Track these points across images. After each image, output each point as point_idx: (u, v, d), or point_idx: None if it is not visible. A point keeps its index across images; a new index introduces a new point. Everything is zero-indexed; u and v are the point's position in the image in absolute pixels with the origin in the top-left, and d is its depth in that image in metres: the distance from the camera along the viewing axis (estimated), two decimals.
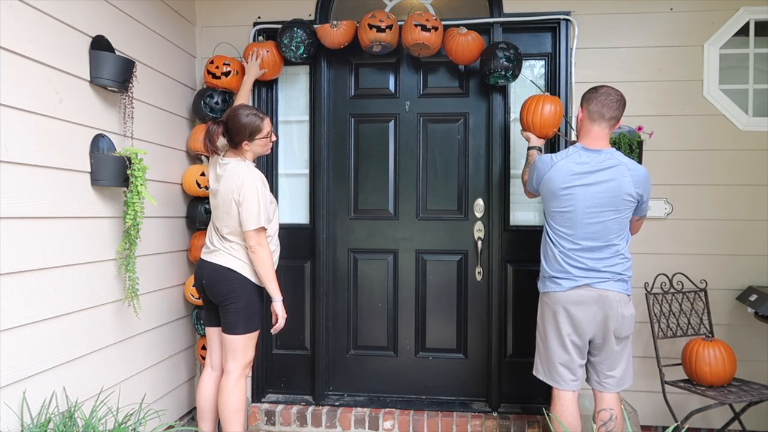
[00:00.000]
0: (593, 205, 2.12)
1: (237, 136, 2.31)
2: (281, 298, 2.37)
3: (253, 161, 2.42)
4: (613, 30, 2.88)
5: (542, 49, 2.97)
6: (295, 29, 2.80)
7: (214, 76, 2.87)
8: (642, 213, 2.24)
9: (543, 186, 2.23)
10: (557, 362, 2.22)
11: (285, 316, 2.39)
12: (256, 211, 2.24)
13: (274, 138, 2.44)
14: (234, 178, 2.27)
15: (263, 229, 2.28)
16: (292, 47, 2.82)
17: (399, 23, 2.79)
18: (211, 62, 2.89)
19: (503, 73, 2.73)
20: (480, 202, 3.02)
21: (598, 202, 2.12)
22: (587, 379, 2.29)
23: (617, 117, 2.18)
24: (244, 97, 2.78)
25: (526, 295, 2.99)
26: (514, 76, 2.77)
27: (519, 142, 3.03)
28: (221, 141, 2.38)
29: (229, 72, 2.87)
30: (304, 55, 2.86)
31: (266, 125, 2.37)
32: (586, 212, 2.13)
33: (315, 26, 2.88)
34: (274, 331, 2.39)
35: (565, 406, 2.22)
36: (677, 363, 2.68)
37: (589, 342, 2.21)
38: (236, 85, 2.88)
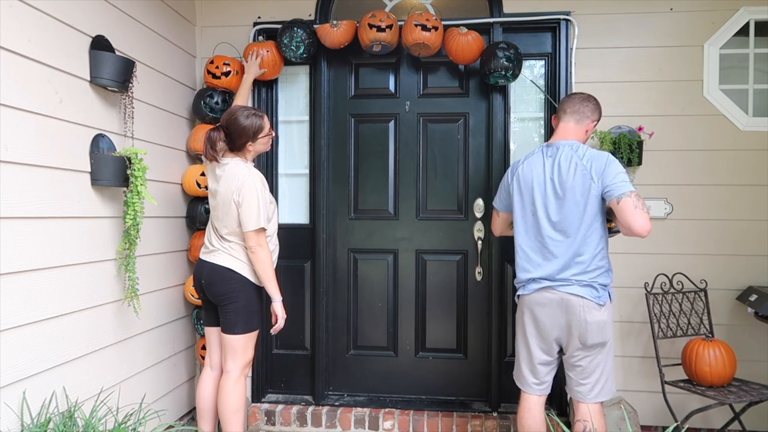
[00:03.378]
0: None
1: (240, 138, 2.31)
2: (281, 298, 2.37)
3: (252, 161, 2.42)
4: (613, 30, 2.88)
5: (542, 49, 2.97)
6: (295, 29, 2.80)
7: (214, 76, 2.87)
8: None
9: None
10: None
11: (285, 316, 2.39)
12: (255, 211, 2.24)
13: (273, 133, 2.45)
14: (234, 178, 2.27)
15: (263, 229, 2.28)
16: (292, 47, 2.82)
17: (399, 23, 2.79)
18: (211, 62, 2.89)
19: (503, 73, 2.73)
20: (480, 202, 3.02)
21: None
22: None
23: (579, 111, 2.22)
24: (243, 96, 2.78)
25: None
26: (514, 76, 2.77)
27: (519, 142, 3.03)
28: (221, 145, 2.38)
29: (229, 72, 2.87)
30: (304, 55, 2.86)
31: (266, 122, 2.38)
32: None
33: (315, 26, 2.88)
34: (273, 331, 2.39)
35: (526, 409, 2.24)
36: (677, 363, 2.68)
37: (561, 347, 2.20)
38: (236, 85, 2.88)
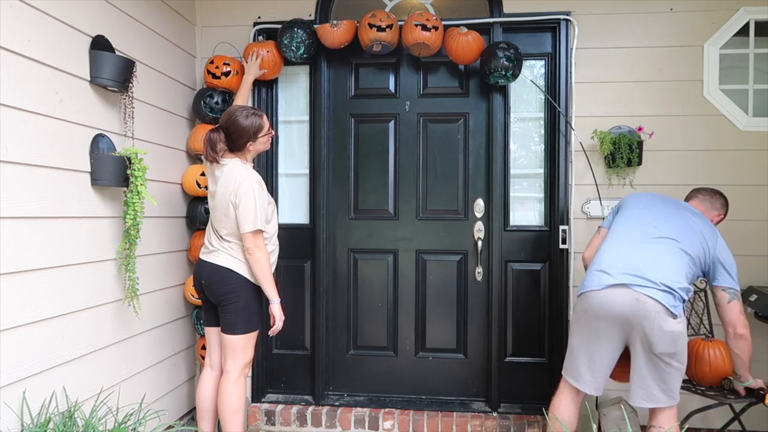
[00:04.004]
0: None
1: (240, 138, 2.31)
2: (279, 300, 2.37)
3: (252, 161, 2.42)
4: (613, 30, 2.88)
5: (542, 49, 2.97)
6: (295, 29, 2.80)
7: (214, 76, 2.87)
8: None
9: None
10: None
11: (283, 318, 2.38)
12: (253, 213, 2.24)
13: (273, 132, 2.45)
14: (231, 179, 2.27)
15: (260, 231, 2.28)
16: (293, 47, 2.82)
17: (399, 23, 2.79)
18: (211, 62, 2.89)
19: (503, 72, 2.73)
20: (480, 202, 3.02)
21: None
22: None
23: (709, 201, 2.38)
24: (243, 96, 2.78)
25: (526, 295, 3.00)
26: (515, 76, 2.77)
27: (519, 142, 3.03)
28: (221, 146, 2.38)
29: (229, 72, 2.87)
30: (305, 55, 2.86)
31: (266, 121, 2.38)
32: None
33: (315, 26, 2.88)
34: (272, 333, 2.38)
35: (564, 403, 2.21)
36: None
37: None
38: (236, 85, 2.88)
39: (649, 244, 2.11)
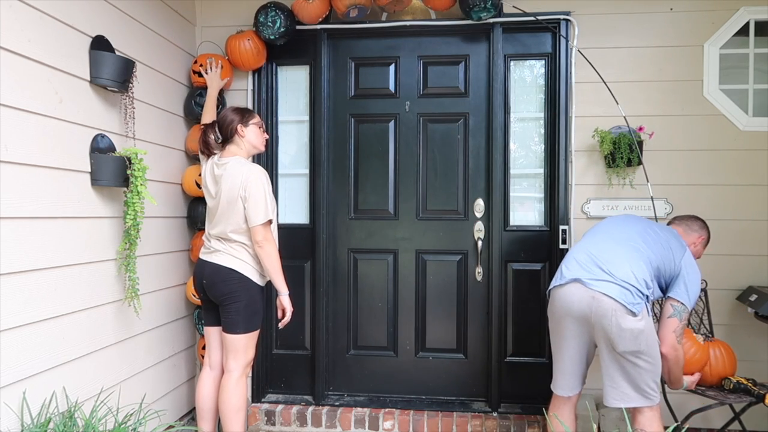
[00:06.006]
0: None
1: (231, 124, 2.38)
2: (288, 291, 2.39)
3: (250, 159, 2.43)
4: (613, 30, 2.88)
5: (542, 49, 2.97)
6: (269, 6, 2.83)
7: (200, 75, 2.89)
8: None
9: None
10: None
11: (292, 309, 2.41)
12: (263, 204, 2.26)
13: (266, 135, 2.48)
14: (237, 175, 2.28)
15: (270, 222, 2.29)
16: (269, 23, 2.83)
17: None
18: (195, 61, 2.92)
19: (483, 5, 2.72)
20: (480, 202, 3.02)
21: None
22: None
23: (687, 224, 2.37)
24: (210, 112, 2.73)
25: (526, 295, 3.00)
26: (495, 6, 2.76)
27: (519, 142, 3.03)
28: (213, 140, 2.45)
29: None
30: (282, 29, 2.85)
31: (256, 115, 2.45)
32: None
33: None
34: (281, 325, 2.41)
35: (555, 407, 2.25)
36: None
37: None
38: (223, 80, 2.90)
39: (611, 243, 2.15)
